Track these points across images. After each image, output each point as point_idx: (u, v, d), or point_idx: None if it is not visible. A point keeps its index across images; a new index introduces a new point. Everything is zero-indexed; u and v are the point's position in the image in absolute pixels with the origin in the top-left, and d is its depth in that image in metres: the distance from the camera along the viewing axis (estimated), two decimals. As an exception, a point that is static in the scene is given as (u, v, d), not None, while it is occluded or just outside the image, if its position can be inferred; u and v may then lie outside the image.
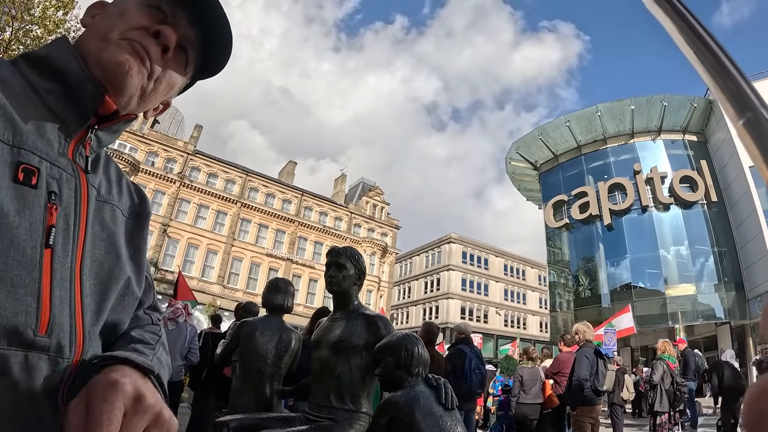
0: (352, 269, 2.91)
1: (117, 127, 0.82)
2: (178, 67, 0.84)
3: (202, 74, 0.92)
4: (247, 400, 3.34)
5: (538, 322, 51.76)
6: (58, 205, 0.67)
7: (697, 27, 0.40)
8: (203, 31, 0.85)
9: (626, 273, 27.23)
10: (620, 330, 11.87)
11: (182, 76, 0.87)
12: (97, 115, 0.76)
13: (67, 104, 0.73)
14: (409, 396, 2.06)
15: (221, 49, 0.88)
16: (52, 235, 0.65)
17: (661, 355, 9.11)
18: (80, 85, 0.73)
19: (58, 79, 0.73)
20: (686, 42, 0.40)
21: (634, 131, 28.67)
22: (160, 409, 0.63)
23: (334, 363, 2.66)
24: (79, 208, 0.71)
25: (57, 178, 0.68)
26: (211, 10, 0.84)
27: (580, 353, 6.08)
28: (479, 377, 6.22)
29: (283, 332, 3.57)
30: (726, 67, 0.37)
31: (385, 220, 45.77)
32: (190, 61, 0.86)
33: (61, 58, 0.74)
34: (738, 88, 0.35)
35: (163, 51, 0.79)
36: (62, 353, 0.64)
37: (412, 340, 2.27)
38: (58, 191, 0.68)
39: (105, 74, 0.74)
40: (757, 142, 0.31)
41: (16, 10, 12.23)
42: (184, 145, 36.03)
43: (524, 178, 35.27)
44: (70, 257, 0.68)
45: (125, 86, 0.75)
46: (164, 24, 0.80)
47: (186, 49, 0.84)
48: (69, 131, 0.73)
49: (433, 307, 48.48)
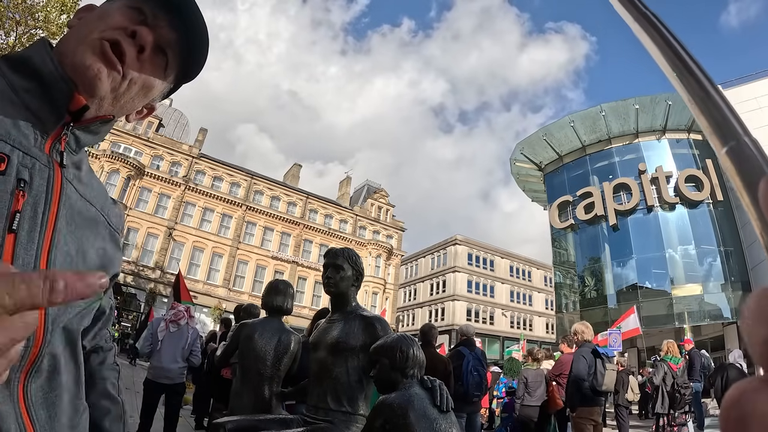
0: (350, 270, 2.89)
1: (95, 128, 0.82)
2: (156, 70, 0.84)
3: (184, 79, 0.92)
4: (246, 401, 3.33)
5: (544, 323, 51.57)
6: (27, 193, 0.67)
7: (682, 54, 0.40)
8: (183, 35, 0.85)
9: (632, 273, 27.08)
10: (626, 331, 11.80)
11: (161, 80, 0.86)
12: (72, 113, 0.76)
13: (44, 102, 0.74)
14: (404, 398, 2.04)
15: (199, 54, 0.88)
16: (16, 221, 0.65)
17: (664, 357, 9.06)
18: (54, 84, 0.74)
19: (34, 78, 0.75)
20: (672, 69, 0.39)
21: (639, 131, 28.54)
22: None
23: (331, 364, 2.65)
24: (50, 197, 0.71)
25: (29, 167, 0.69)
26: (191, 15, 0.84)
27: (578, 353, 6.04)
28: (476, 380, 6.19)
29: (282, 334, 3.57)
30: (710, 94, 0.37)
31: (391, 222, 45.76)
32: (170, 64, 0.86)
33: (37, 58, 0.76)
34: (722, 115, 0.36)
35: (139, 51, 0.80)
36: None
37: (407, 341, 2.25)
38: (29, 179, 0.68)
39: (76, 76, 0.75)
40: (738, 170, 0.31)
41: (20, 15, 12.32)
42: (189, 148, 36.17)
43: (529, 179, 35.18)
44: (35, 245, 0.68)
45: (95, 88, 0.76)
46: (143, 25, 0.81)
47: (165, 51, 0.84)
48: (45, 128, 0.74)
49: (438, 309, 48.39)
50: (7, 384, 0.63)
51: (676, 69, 0.39)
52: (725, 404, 0.25)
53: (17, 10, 12.32)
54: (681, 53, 0.40)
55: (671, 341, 9.67)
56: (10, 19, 12.36)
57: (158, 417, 5.78)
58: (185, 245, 33.61)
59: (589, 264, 29.70)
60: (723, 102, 0.37)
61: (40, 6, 12.63)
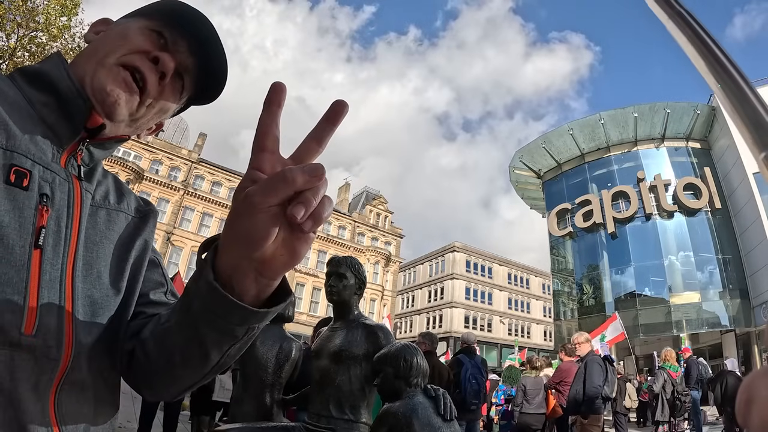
0: (353, 279, 2.90)
1: (109, 145, 0.83)
2: (173, 94, 0.85)
3: (196, 101, 0.93)
4: (247, 409, 3.33)
5: (542, 330, 51.52)
6: (50, 207, 0.68)
7: (720, 55, 0.39)
8: (201, 62, 0.86)
9: (630, 281, 27.09)
10: (612, 339, 11.89)
11: (176, 103, 0.88)
12: (87, 129, 0.77)
13: (60, 117, 0.74)
14: (408, 407, 2.05)
15: (217, 80, 0.89)
16: (42, 236, 0.65)
17: (663, 365, 9.07)
18: (71, 100, 0.74)
19: (51, 93, 0.75)
20: (709, 71, 0.39)
21: (638, 139, 28.62)
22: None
23: (333, 372, 2.65)
24: (72, 211, 0.72)
25: (50, 182, 0.69)
26: (211, 42, 0.85)
27: (591, 360, 6.05)
28: (474, 387, 6.20)
29: (283, 341, 3.56)
30: (749, 98, 0.36)
31: (389, 228, 45.75)
32: (186, 88, 0.87)
33: (54, 73, 0.76)
34: (760, 120, 0.35)
35: (160, 78, 0.81)
36: (49, 354, 0.64)
37: (411, 350, 2.26)
38: (51, 194, 0.69)
39: (95, 98, 0.76)
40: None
41: (21, 18, 12.36)
42: (188, 153, 36.18)
43: (528, 186, 35.23)
44: (60, 259, 0.68)
45: (114, 114, 0.77)
46: (164, 50, 0.81)
47: (182, 76, 0.85)
48: (61, 142, 0.74)
49: (436, 316, 48.31)
50: (38, 397, 0.63)
51: (714, 71, 0.39)
52: (741, 388, 0.28)
53: (18, 12, 12.36)
54: (719, 55, 0.39)
55: (669, 349, 9.68)
56: (11, 21, 12.39)
57: (156, 423, 5.77)
58: (183, 250, 33.55)
59: (587, 272, 29.69)
60: (762, 106, 0.36)
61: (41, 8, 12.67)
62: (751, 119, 0.35)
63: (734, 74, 0.38)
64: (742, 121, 0.36)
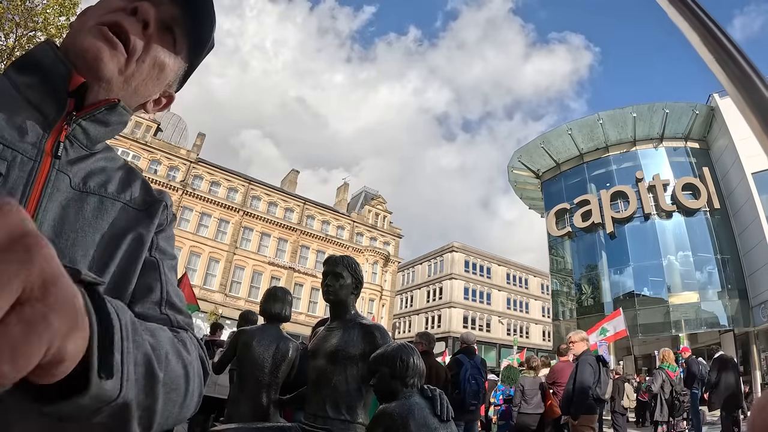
0: (349, 278, 2.89)
1: (101, 116, 0.78)
2: (164, 46, 0.82)
3: (195, 55, 0.90)
4: (244, 409, 3.32)
5: (541, 330, 51.55)
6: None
7: (736, 56, 0.39)
8: (186, 8, 0.83)
9: (629, 281, 27.09)
10: (613, 334, 11.80)
11: (172, 55, 0.84)
12: (73, 96, 0.74)
13: (44, 94, 0.73)
14: (404, 407, 2.04)
15: (204, 22, 0.85)
16: None
17: (662, 365, 9.06)
18: (53, 70, 0.73)
19: (36, 72, 0.73)
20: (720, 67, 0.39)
21: (636, 139, 28.62)
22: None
23: (330, 373, 2.63)
24: (29, 189, 0.67)
25: (8, 160, 0.66)
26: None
27: (583, 360, 6.03)
28: (474, 388, 6.18)
29: (280, 341, 3.56)
30: (761, 92, 0.36)
31: (388, 228, 45.75)
32: (178, 40, 0.84)
33: (38, 52, 0.75)
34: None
35: (144, 27, 0.78)
36: None
37: (407, 350, 2.24)
38: (6, 173, 0.65)
39: (78, 62, 0.74)
40: None
41: (20, 17, 12.34)
42: (186, 153, 36.15)
43: (527, 186, 35.22)
44: None
45: (99, 71, 0.74)
46: (144, 1, 0.78)
47: (172, 28, 0.83)
48: (48, 121, 0.72)
49: (435, 316, 48.34)
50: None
51: (724, 64, 0.38)
52: (754, 409, 0.27)
53: (17, 12, 12.34)
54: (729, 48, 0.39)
55: (667, 349, 9.67)
56: (9, 21, 12.37)
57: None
58: (182, 250, 33.48)
59: (586, 272, 29.69)
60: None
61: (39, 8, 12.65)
62: (762, 112, 0.35)
63: (744, 66, 0.37)
64: (756, 118, 0.35)
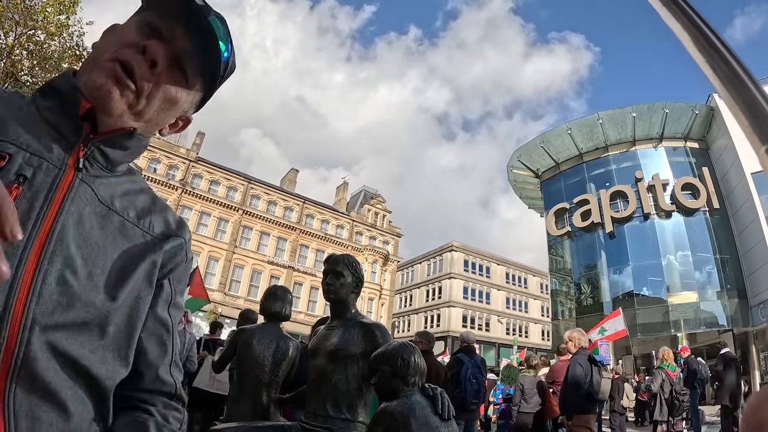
0: (350, 277, 2.88)
1: (118, 141, 0.81)
2: (174, 82, 0.84)
3: (209, 86, 0.91)
4: (243, 408, 3.31)
5: (540, 330, 51.56)
6: (24, 188, 0.67)
7: (727, 56, 0.39)
8: (200, 45, 0.84)
9: (628, 281, 27.10)
10: (613, 333, 11.79)
11: (184, 90, 0.86)
12: (86, 120, 0.78)
13: (61, 115, 0.78)
14: (405, 406, 2.03)
15: (214, 61, 0.86)
16: None
17: (661, 364, 9.06)
18: (68, 96, 0.78)
19: (56, 97, 0.79)
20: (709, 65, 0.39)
21: (636, 138, 28.61)
22: None
23: (330, 371, 2.63)
24: (53, 194, 0.71)
25: (34, 166, 0.70)
26: (205, 24, 0.83)
27: (574, 360, 6.03)
28: (474, 387, 6.18)
29: (280, 340, 3.55)
30: (751, 92, 0.36)
31: (387, 228, 45.76)
32: (189, 75, 0.85)
33: (59, 80, 0.81)
34: (762, 114, 0.35)
35: (152, 66, 0.80)
36: None
37: (408, 348, 2.24)
38: (32, 176, 0.69)
39: (90, 97, 0.78)
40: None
41: (19, 16, 12.36)
42: (186, 152, 36.13)
43: (526, 186, 35.22)
44: (24, 239, 0.65)
45: (109, 108, 0.78)
46: (156, 39, 0.81)
47: (183, 63, 0.84)
48: (70, 143, 0.77)
49: (434, 316, 48.33)
50: None
51: (715, 65, 0.38)
52: (746, 410, 0.27)
53: (16, 11, 12.36)
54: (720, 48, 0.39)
55: (667, 349, 9.67)
56: (9, 20, 12.40)
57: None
58: (181, 249, 33.47)
59: (585, 271, 29.71)
60: (763, 98, 0.36)
61: (39, 7, 12.66)
62: (753, 113, 0.35)
63: (735, 67, 0.38)
64: (744, 115, 0.35)
